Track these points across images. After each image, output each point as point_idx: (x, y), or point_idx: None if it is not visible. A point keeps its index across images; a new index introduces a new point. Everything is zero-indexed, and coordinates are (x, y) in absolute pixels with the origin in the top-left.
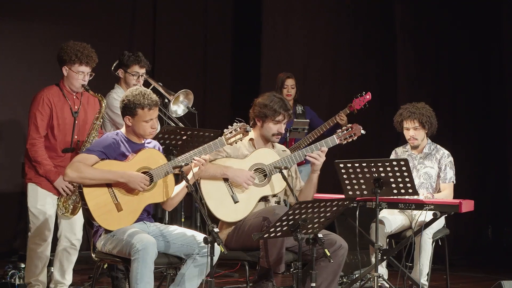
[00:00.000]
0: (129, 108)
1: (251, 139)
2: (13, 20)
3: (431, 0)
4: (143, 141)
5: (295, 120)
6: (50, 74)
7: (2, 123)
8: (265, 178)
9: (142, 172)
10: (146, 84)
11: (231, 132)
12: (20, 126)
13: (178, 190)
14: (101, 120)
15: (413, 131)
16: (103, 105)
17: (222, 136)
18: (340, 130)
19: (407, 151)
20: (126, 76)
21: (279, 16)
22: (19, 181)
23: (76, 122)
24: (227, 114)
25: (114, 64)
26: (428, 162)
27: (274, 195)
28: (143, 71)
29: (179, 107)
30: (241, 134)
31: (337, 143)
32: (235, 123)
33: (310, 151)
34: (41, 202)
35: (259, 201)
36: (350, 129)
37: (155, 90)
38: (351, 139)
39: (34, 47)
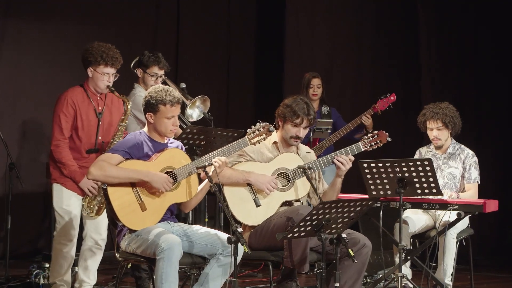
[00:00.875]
0: (151, 105)
1: (274, 142)
2: (38, 21)
3: (454, 2)
4: (166, 141)
5: (319, 120)
6: (74, 75)
7: (27, 123)
8: (288, 183)
9: (165, 172)
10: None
11: (254, 132)
12: (44, 127)
13: (197, 192)
14: (127, 122)
15: (436, 131)
16: (128, 106)
17: (246, 136)
18: (366, 137)
19: (431, 151)
20: (144, 76)
21: (302, 17)
22: (43, 182)
23: (101, 123)
24: (250, 115)
25: (134, 62)
26: (453, 162)
27: (297, 200)
28: (162, 72)
29: (194, 111)
30: (264, 134)
31: (362, 150)
32: (258, 123)
33: (321, 163)
34: (67, 202)
35: (282, 205)
36: (376, 136)
37: None
38: (376, 146)
39: (59, 48)
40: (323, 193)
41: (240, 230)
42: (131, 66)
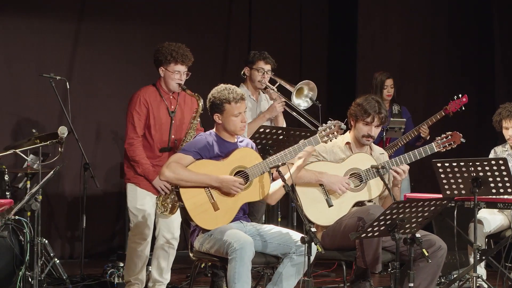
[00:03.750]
0: (216, 105)
1: (347, 143)
2: (112, 22)
3: None
4: (235, 140)
5: (391, 119)
6: (148, 75)
7: (101, 124)
8: (361, 183)
9: (237, 171)
10: (272, 81)
11: (325, 130)
12: (118, 126)
13: (279, 186)
14: (198, 119)
15: None
16: (200, 104)
17: (317, 134)
18: (439, 137)
19: (506, 150)
20: (251, 72)
21: (375, 16)
22: (118, 181)
23: (173, 121)
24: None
25: (244, 70)
26: None
27: (370, 200)
28: (268, 67)
29: (302, 101)
30: (336, 132)
31: (436, 151)
32: (329, 121)
33: (395, 163)
34: (141, 201)
35: (354, 206)
36: (450, 137)
37: (281, 88)
38: (450, 147)
39: (132, 48)
40: (386, 197)
41: (313, 229)
42: (242, 73)
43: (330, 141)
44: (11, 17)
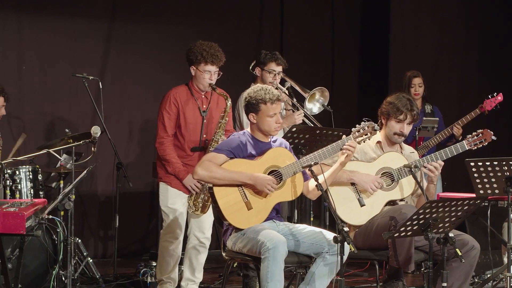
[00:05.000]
0: (252, 105)
1: (378, 142)
2: (144, 21)
3: None
4: (269, 140)
5: (424, 118)
6: (180, 74)
7: (135, 123)
8: (392, 182)
9: (270, 171)
10: (283, 82)
11: (359, 131)
12: (151, 126)
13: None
14: (227, 118)
15: None
16: (228, 103)
17: (350, 135)
18: (470, 135)
19: None
20: (262, 74)
21: (407, 15)
22: (150, 181)
23: (205, 121)
24: (354, 113)
25: (252, 64)
26: None
27: (402, 199)
28: (279, 69)
29: (314, 105)
30: (369, 133)
31: (467, 149)
32: (362, 122)
33: (426, 161)
34: (172, 200)
35: (386, 205)
36: (480, 134)
37: (292, 89)
38: (481, 145)
39: (164, 48)
40: (418, 197)
41: (346, 229)
42: (250, 68)
43: (364, 142)
44: (44, 17)
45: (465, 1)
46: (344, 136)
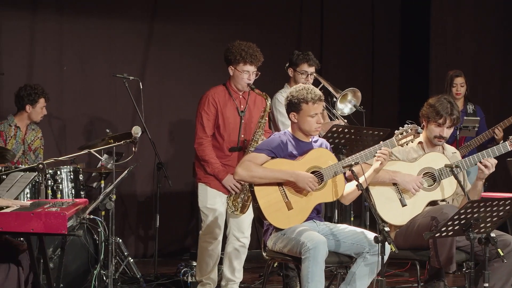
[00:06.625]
0: (293, 104)
1: (420, 142)
2: (183, 22)
3: None
4: (310, 140)
5: (465, 118)
6: (219, 75)
7: (174, 123)
8: (434, 182)
9: (311, 172)
10: (316, 82)
11: (402, 134)
12: (190, 126)
13: (354, 187)
14: (266, 118)
15: None
16: (268, 103)
17: (393, 137)
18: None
19: None
20: (295, 74)
21: (448, 14)
22: (190, 181)
23: (243, 121)
24: (394, 113)
25: (287, 65)
26: None
27: (443, 200)
28: (312, 69)
29: (346, 106)
30: (412, 136)
31: (509, 149)
32: (406, 124)
33: (467, 162)
34: (211, 201)
35: (428, 205)
36: None
37: (324, 89)
38: None
39: (204, 48)
40: (463, 197)
41: (387, 229)
42: (285, 68)
43: (407, 144)
44: (84, 18)
45: (506, 0)
46: (381, 142)
